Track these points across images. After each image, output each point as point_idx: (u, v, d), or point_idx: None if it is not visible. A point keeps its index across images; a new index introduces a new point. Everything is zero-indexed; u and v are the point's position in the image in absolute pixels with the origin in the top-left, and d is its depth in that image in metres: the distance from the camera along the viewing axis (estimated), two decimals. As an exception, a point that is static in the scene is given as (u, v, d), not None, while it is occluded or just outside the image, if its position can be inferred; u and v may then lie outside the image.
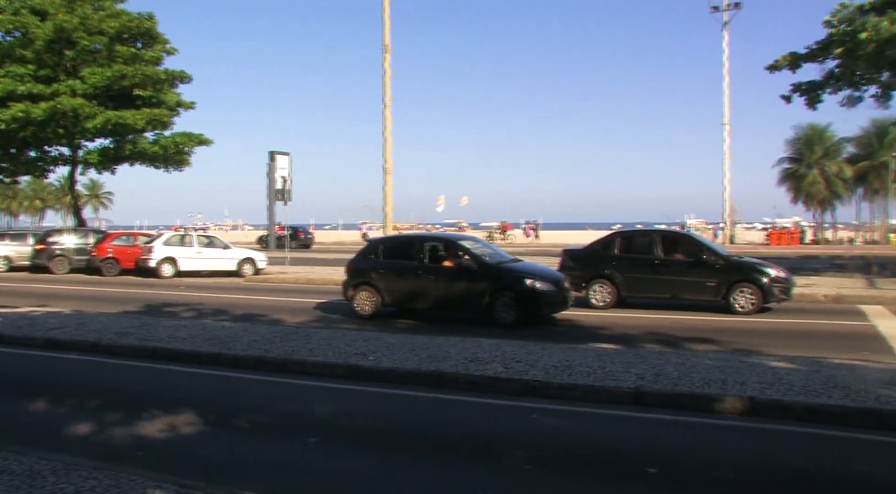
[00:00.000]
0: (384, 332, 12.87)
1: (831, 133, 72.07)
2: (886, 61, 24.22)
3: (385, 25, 28.38)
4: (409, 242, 16.93)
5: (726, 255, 17.05)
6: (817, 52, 26.53)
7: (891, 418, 7.27)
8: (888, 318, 14.96)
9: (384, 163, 28.74)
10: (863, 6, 25.06)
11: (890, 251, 45.31)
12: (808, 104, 27.80)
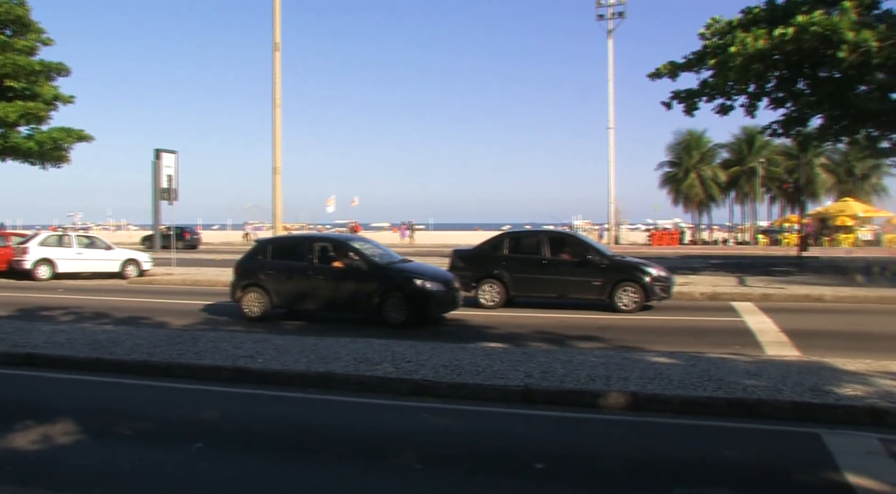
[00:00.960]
0: (273, 334, 12.68)
1: (707, 139, 75.84)
2: (753, 74, 25.67)
3: (275, 23, 27.95)
4: (299, 243, 16.76)
5: (611, 255, 17.64)
6: (694, 62, 27.81)
7: (756, 407, 7.73)
8: (756, 314, 15.83)
9: (273, 163, 28.30)
10: (731, 22, 26.49)
11: (758, 251, 47.81)
12: (686, 111, 29.09)
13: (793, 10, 24.93)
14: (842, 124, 29.18)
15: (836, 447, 6.65)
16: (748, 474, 6.15)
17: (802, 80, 27.91)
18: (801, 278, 23.98)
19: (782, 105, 29.10)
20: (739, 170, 74.13)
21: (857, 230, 58.17)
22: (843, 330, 14.08)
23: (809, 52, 24.37)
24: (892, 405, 7.55)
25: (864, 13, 24.42)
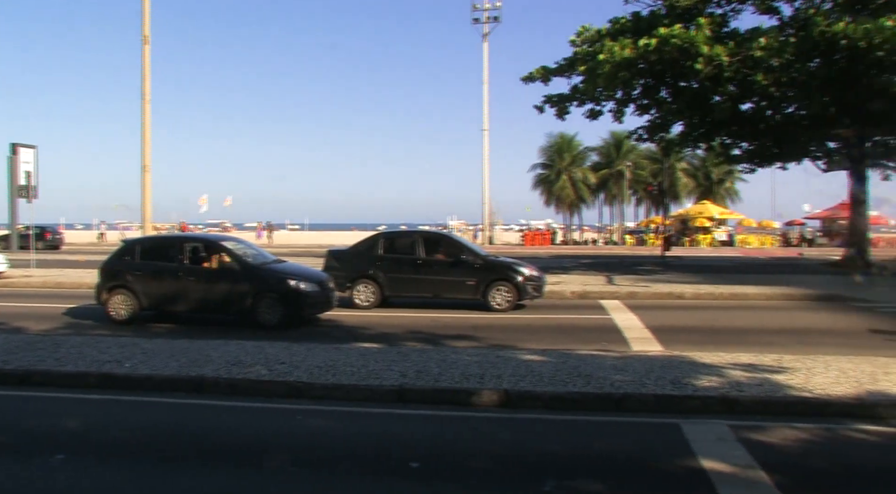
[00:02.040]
0: (141, 337, 12.22)
1: (578, 142, 78.51)
2: (620, 81, 26.80)
3: (145, 15, 26.91)
4: (169, 243, 16.24)
5: (485, 255, 17.97)
6: (565, 67, 28.75)
7: (623, 400, 8.10)
8: (623, 312, 16.52)
9: (143, 161, 27.29)
10: (600, 31, 27.56)
11: (625, 251, 49.76)
12: (558, 115, 30.01)
13: (656, 22, 26.19)
14: (700, 131, 30.95)
15: (693, 435, 7.06)
16: (615, 465, 6.44)
17: (665, 88, 29.42)
18: (665, 277, 25.16)
19: (647, 111, 30.57)
20: (608, 173, 77.13)
21: (714, 231, 61.57)
22: (701, 326, 14.88)
23: (671, 62, 25.67)
24: (741, 394, 8.09)
25: (717, 30, 25.98)
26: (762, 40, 24.40)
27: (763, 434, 7.17)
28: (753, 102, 29.65)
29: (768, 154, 32.90)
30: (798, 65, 25.49)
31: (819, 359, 10.03)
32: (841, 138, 30.03)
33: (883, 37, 22.29)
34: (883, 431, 7.40)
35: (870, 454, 6.82)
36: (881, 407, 7.84)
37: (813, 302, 18.67)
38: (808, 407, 7.90)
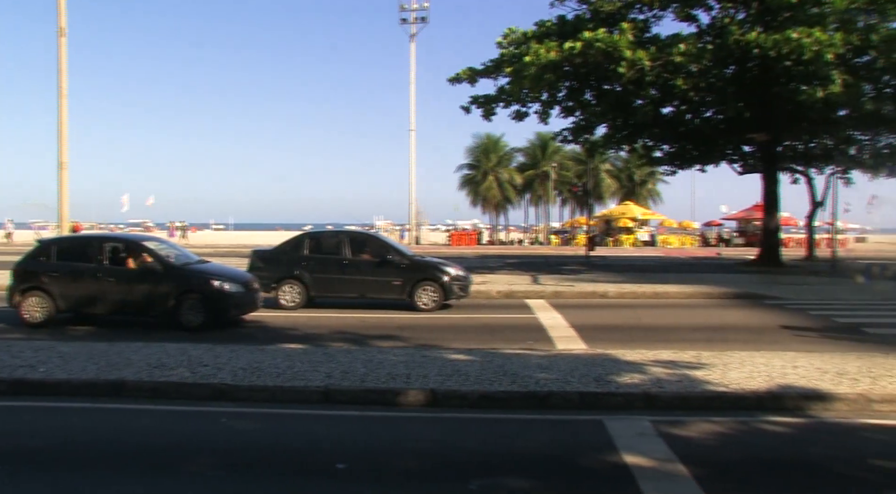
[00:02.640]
0: (58, 341, 11.82)
1: (504, 143, 79.25)
2: (545, 83, 27.19)
3: (60, 6, 26.01)
4: (87, 243, 15.76)
5: (411, 255, 17.98)
6: (492, 69, 29.00)
7: (548, 398, 8.22)
8: (548, 311, 16.75)
9: (60, 158, 26.37)
10: (526, 33, 27.91)
11: (551, 251, 50.43)
12: (485, 116, 30.27)
13: (581, 26, 26.69)
14: (623, 134, 31.64)
15: (616, 431, 7.23)
16: (540, 462, 6.53)
17: (589, 91, 29.98)
18: (589, 276, 25.59)
19: (572, 113, 31.12)
20: (534, 174, 78.07)
21: (637, 231, 62.97)
22: (624, 324, 15.21)
23: (595, 65, 26.18)
24: (661, 390, 8.31)
25: (639, 35, 26.64)
26: (682, 46, 25.12)
27: (682, 429, 7.39)
28: (674, 106, 30.53)
29: (688, 156, 33.90)
30: (715, 71, 26.37)
31: (735, 355, 10.39)
32: (755, 142, 31.12)
33: (790, 47, 23.27)
34: (791, 422, 7.72)
35: (780, 444, 7.10)
36: (789, 398, 8.18)
37: (730, 300, 19.30)
38: (724, 402, 8.17)
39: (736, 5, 27.98)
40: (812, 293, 20.43)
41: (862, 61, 26.23)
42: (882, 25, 24.63)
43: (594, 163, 66.11)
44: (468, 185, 79.91)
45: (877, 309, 17.47)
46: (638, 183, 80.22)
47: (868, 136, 33.41)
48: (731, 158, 34.67)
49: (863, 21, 24.70)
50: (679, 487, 5.84)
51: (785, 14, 24.97)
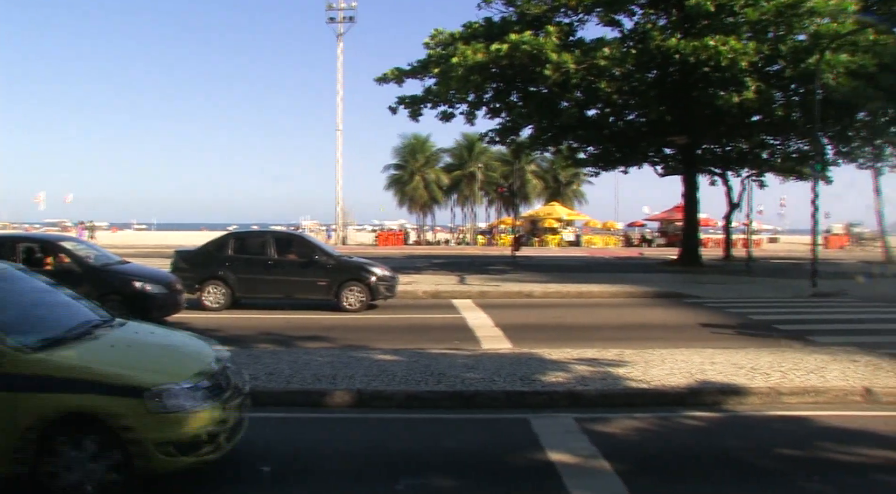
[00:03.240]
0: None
1: (431, 144, 79.39)
2: (472, 85, 27.40)
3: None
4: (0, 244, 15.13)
5: (337, 256, 17.87)
6: (419, 69, 29.07)
7: (474, 397, 8.29)
8: (475, 311, 16.87)
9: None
10: (454, 34, 28.06)
11: (477, 251, 50.77)
12: (412, 116, 30.33)
13: (507, 28, 26.99)
14: (548, 135, 32.11)
15: (541, 429, 7.34)
16: (467, 461, 6.58)
17: (516, 93, 30.34)
18: (515, 276, 25.85)
19: (498, 115, 31.44)
20: (461, 174, 78.44)
21: (562, 232, 63.92)
22: (549, 323, 15.42)
23: (521, 67, 26.51)
24: (585, 388, 8.47)
25: (564, 38, 27.10)
26: (606, 50, 25.66)
27: (606, 425, 7.55)
28: (598, 109, 31.14)
29: (612, 158, 34.63)
30: (638, 75, 27.02)
31: (656, 353, 10.66)
32: (676, 145, 31.99)
33: (707, 54, 24.08)
34: (708, 416, 7.98)
35: (698, 438, 7.33)
36: (707, 394, 8.45)
37: (651, 299, 19.80)
38: (646, 398, 8.38)
39: (657, 12, 28.75)
40: (729, 291, 21.12)
41: (773, 70, 27.35)
42: (790, 37, 25.78)
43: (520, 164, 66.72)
44: (395, 185, 79.80)
45: (788, 306, 18.16)
46: (563, 184, 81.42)
47: (779, 141, 34.87)
48: (653, 160, 35.59)
49: (773, 32, 25.74)
50: (602, 482, 5.97)
51: (703, 22, 25.75)
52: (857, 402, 8.50)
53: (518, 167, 60.65)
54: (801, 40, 25.78)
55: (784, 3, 24.11)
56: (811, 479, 6.15)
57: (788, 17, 24.59)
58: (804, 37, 25.79)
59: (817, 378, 9.04)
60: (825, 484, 6.08)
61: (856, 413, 8.14)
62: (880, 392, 8.58)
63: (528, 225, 65.22)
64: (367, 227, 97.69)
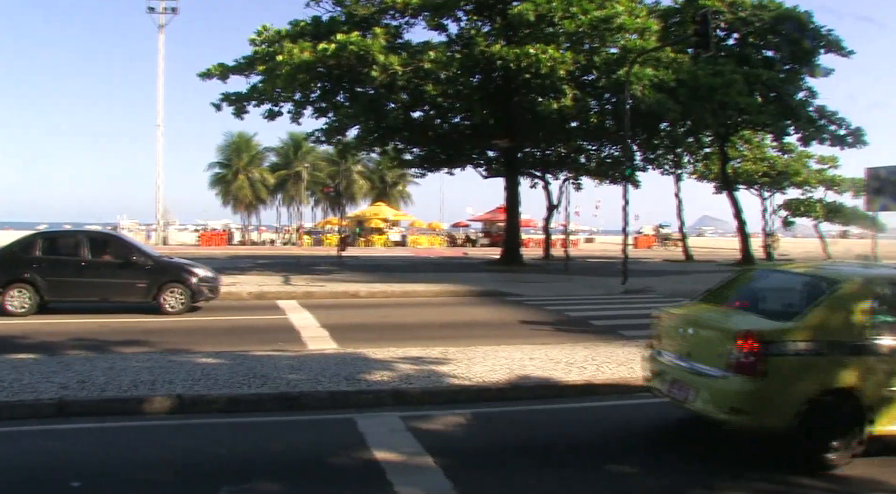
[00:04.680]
0: None
1: (257, 142, 77.77)
2: (298, 83, 27.06)
3: None
4: None
5: (156, 256, 17.13)
6: (244, 66, 28.35)
7: (299, 399, 8.23)
8: (300, 311, 16.69)
9: None
10: (280, 32, 27.61)
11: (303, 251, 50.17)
12: (236, 114, 29.50)
13: (335, 28, 26.88)
14: (375, 136, 32.29)
15: (367, 428, 7.40)
16: (292, 463, 6.53)
17: (343, 93, 30.27)
18: (341, 276, 25.79)
19: (325, 114, 31.21)
20: (287, 174, 77.32)
21: (388, 232, 64.41)
22: (375, 323, 15.53)
23: (348, 68, 26.48)
24: (410, 386, 8.63)
25: (392, 40, 27.38)
26: (432, 54, 26.13)
27: (430, 423, 7.72)
28: (424, 111, 31.69)
29: (437, 159, 35.36)
30: (463, 79, 27.72)
31: (479, 350, 11.01)
32: (499, 148, 33.11)
33: (528, 61, 25.15)
34: (527, 410, 8.38)
35: (518, 431, 7.68)
36: (527, 388, 8.86)
37: (475, 298, 20.39)
38: (469, 394, 8.65)
39: (482, 19, 29.60)
40: (548, 289, 22.14)
41: (588, 79, 28.97)
42: (603, 49, 27.46)
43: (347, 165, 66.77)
44: (219, 185, 77.46)
45: (602, 302, 19.29)
46: (390, 184, 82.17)
47: (594, 146, 37.04)
48: (477, 162, 36.67)
49: (588, 44, 27.29)
50: (427, 479, 6.12)
51: (525, 30, 26.81)
52: (660, 391, 9.18)
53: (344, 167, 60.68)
54: (613, 53, 27.49)
55: (597, 17, 25.59)
56: (618, 462, 6.61)
57: (601, 30, 26.13)
58: (615, 50, 27.50)
59: (627, 370, 9.70)
60: (630, 466, 6.55)
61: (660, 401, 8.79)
62: (679, 381, 9.31)
63: (355, 225, 65.23)
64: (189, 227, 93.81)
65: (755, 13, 34.65)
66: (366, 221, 64.83)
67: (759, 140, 44.51)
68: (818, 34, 35.10)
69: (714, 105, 30.33)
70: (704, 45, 21.87)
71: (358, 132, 32.58)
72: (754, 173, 43.82)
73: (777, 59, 36.26)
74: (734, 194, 40.84)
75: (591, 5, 26.04)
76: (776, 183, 43.65)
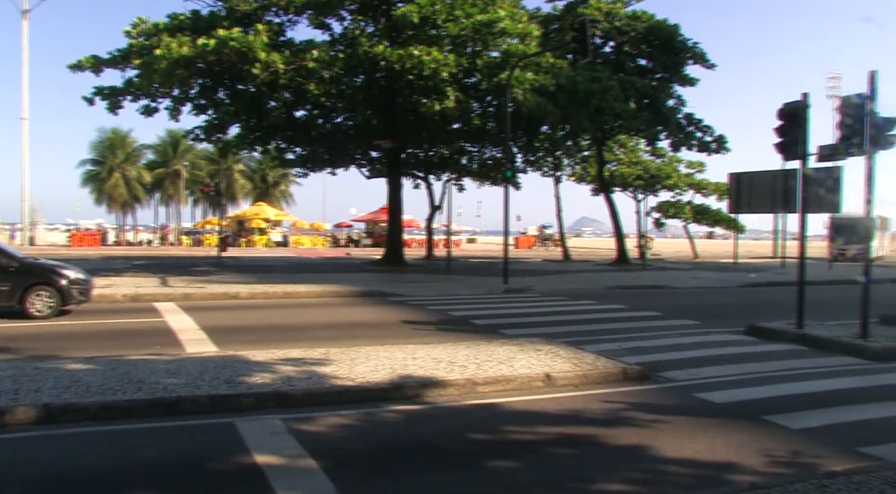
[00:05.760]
0: None
1: (133, 139, 74.88)
2: (177, 79, 26.25)
3: None
4: None
5: (21, 257, 16.28)
6: (119, 59, 27.26)
7: (177, 404, 8.02)
8: (178, 314, 16.24)
9: None
10: (158, 25, 26.71)
11: (182, 252, 48.76)
12: (110, 109, 28.32)
13: (216, 23, 26.23)
14: (256, 135, 31.76)
15: (247, 432, 7.30)
16: (169, 471, 6.37)
17: (223, 90, 29.58)
18: (221, 277, 25.21)
19: (205, 112, 30.40)
20: (165, 172, 74.84)
21: (270, 232, 63.36)
22: (255, 325, 15.28)
23: (229, 64, 25.93)
24: (292, 388, 8.57)
25: (274, 38, 26.98)
26: (315, 52, 25.93)
27: (312, 424, 7.69)
28: (307, 110, 31.39)
29: (320, 159, 35.10)
30: (346, 79, 27.60)
31: (362, 350, 11.03)
32: (382, 148, 33.19)
33: (412, 63, 25.35)
34: (410, 409, 8.44)
35: (400, 430, 7.75)
36: (409, 388, 8.93)
37: (357, 298, 20.36)
38: (351, 395, 8.65)
39: (366, 19, 29.59)
40: (431, 289, 22.35)
41: (471, 82, 29.43)
42: (485, 53, 27.97)
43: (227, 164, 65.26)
44: (92, 182, 74.17)
45: (483, 302, 19.64)
46: (272, 184, 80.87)
47: (476, 148, 37.68)
48: (361, 163, 36.64)
49: (471, 47, 27.74)
50: (309, 481, 6.10)
51: (409, 32, 26.97)
52: (539, 387, 9.47)
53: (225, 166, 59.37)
54: (495, 57, 28.00)
55: (480, 21, 26.04)
56: (498, 458, 6.78)
57: (484, 34, 26.58)
58: (497, 54, 28.03)
59: (507, 367, 9.94)
60: (508, 461, 6.73)
61: (537, 397, 9.08)
62: (557, 376, 9.65)
63: (236, 225, 63.83)
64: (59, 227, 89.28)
65: (629, 23, 36.19)
66: (247, 221, 63.56)
67: (634, 144, 46.50)
68: (685, 46, 37.02)
69: (591, 110, 31.41)
70: (582, 52, 22.56)
71: (239, 130, 31.95)
72: (629, 176, 45.61)
73: (650, 67, 38.00)
74: (610, 196, 42.41)
75: (475, 9, 26.49)
76: (649, 186, 45.54)
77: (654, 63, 37.98)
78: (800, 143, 13.57)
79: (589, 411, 8.46)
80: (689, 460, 6.80)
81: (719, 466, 6.63)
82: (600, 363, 10.48)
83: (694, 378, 10.27)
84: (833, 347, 12.61)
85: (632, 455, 6.97)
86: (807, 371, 10.97)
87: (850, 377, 10.63)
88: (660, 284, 26.06)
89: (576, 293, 22.17)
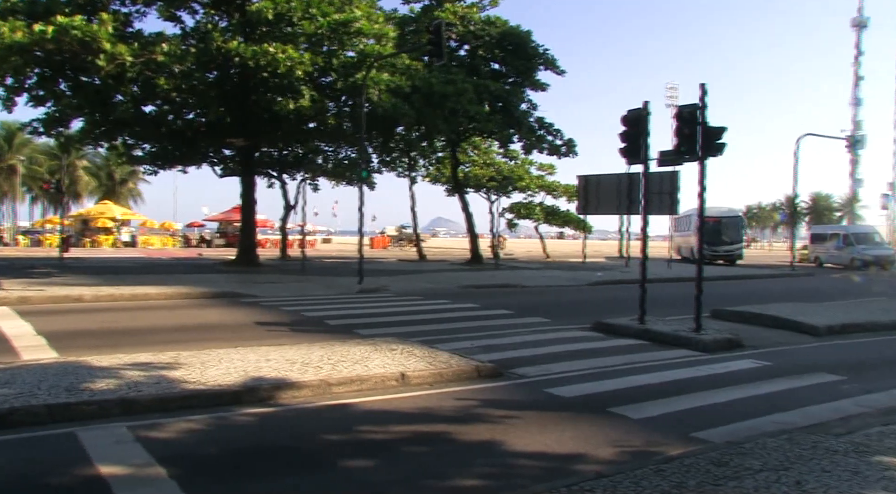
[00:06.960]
0: None
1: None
2: (10, 67, 24.56)
3: None
4: None
5: None
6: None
7: (9, 415, 7.54)
8: (13, 318, 15.27)
9: None
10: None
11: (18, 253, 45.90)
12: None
13: (54, 8, 24.72)
14: (102, 130, 30.25)
15: (90, 442, 7.00)
16: (3, 488, 6.01)
17: (65, 81, 27.92)
18: (63, 279, 23.87)
19: (44, 103, 28.48)
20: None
21: (117, 232, 60.53)
22: (100, 329, 14.57)
23: (71, 54, 24.56)
24: (139, 394, 8.28)
25: (121, 28, 25.80)
26: (165, 46, 25.01)
27: (161, 431, 7.47)
28: (157, 105, 30.22)
29: (170, 157, 33.89)
30: (198, 74, 26.78)
31: (213, 353, 10.78)
32: (235, 147, 32.45)
33: (266, 60, 25.01)
34: (263, 412, 8.36)
35: (254, 433, 7.65)
36: (263, 390, 8.83)
37: (209, 300, 19.83)
38: (203, 400, 8.45)
39: (219, 13, 28.82)
40: (285, 290, 22.08)
41: (326, 81, 29.31)
42: (341, 52, 27.96)
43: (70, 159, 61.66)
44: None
45: (338, 302, 19.61)
46: (119, 182, 77.20)
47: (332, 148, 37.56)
48: (213, 161, 35.64)
49: (327, 46, 27.64)
50: (158, 490, 5.93)
51: (263, 28, 26.52)
52: (394, 386, 9.59)
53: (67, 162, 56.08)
54: (351, 57, 28.01)
55: (336, 20, 25.97)
56: (352, 458, 6.85)
57: (340, 34, 26.55)
58: (353, 54, 28.03)
59: (362, 367, 10.00)
60: (363, 461, 6.82)
61: (392, 396, 9.20)
62: (411, 375, 9.81)
63: (79, 224, 60.51)
64: None
65: (484, 28, 37.12)
66: (92, 221, 60.41)
67: (487, 146, 47.70)
68: (537, 52, 38.38)
69: (446, 111, 31.99)
70: (437, 54, 22.93)
71: (83, 124, 30.28)
72: (483, 177, 46.71)
73: (503, 71, 39.11)
74: (464, 197, 43.29)
75: (331, 8, 26.39)
76: (502, 187, 46.78)
77: (507, 67, 39.15)
78: (641, 149, 14.41)
79: (443, 409, 8.67)
80: (539, 453, 7.12)
81: (567, 457, 6.99)
82: (454, 361, 10.74)
83: (544, 374, 10.71)
84: (671, 341, 13.51)
85: (485, 450, 7.21)
86: (647, 364, 11.69)
87: (685, 368, 11.43)
88: (512, 283, 26.86)
89: (430, 292, 22.52)
